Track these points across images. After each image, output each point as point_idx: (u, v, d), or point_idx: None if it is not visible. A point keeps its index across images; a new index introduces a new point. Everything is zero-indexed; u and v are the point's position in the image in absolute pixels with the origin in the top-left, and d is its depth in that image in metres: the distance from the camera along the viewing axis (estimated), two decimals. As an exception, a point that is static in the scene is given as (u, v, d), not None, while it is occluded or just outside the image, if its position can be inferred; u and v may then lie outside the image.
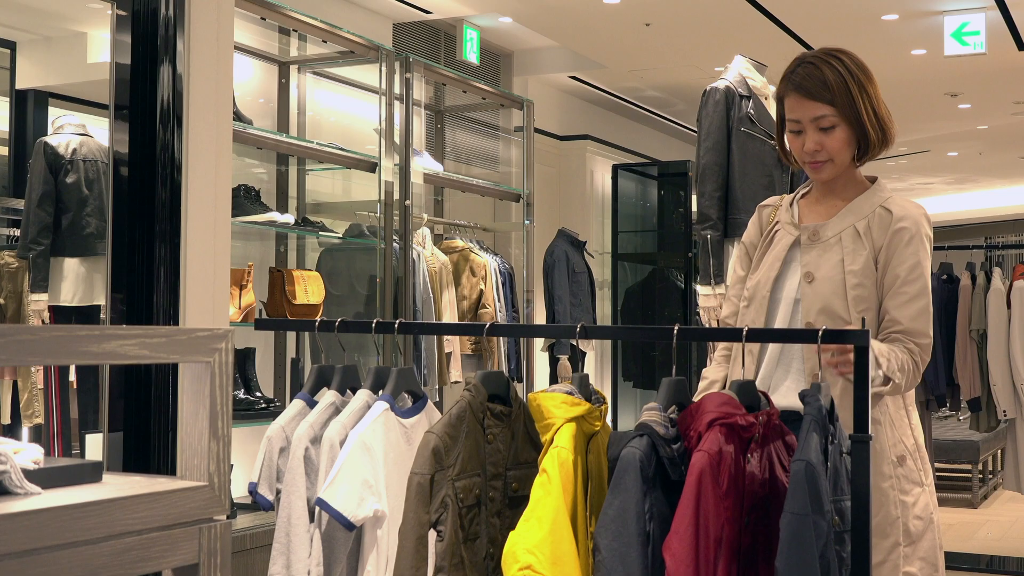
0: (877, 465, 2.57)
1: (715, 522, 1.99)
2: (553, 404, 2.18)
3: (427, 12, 7.23)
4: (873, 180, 2.73)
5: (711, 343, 3.61)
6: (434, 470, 2.18)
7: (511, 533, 2.07)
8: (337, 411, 2.48)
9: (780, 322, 2.67)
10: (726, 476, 2.02)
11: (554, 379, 7.42)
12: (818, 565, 1.93)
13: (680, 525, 1.98)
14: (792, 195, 2.83)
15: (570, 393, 2.20)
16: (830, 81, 2.58)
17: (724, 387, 2.78)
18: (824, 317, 2.59)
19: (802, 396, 2.12)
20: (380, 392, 2.45)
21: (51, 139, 4.76)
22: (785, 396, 2.59)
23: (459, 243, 6.28)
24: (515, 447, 2.30)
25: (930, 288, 2.64)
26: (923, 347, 2.59)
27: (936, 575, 2.68)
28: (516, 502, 2.27)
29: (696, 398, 2.69)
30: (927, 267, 2.63)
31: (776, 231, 2.76)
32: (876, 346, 2.48)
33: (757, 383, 2.64)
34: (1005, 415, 6.14)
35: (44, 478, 1.56)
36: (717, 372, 2.83)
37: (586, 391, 2.25)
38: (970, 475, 8.69)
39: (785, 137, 2.71)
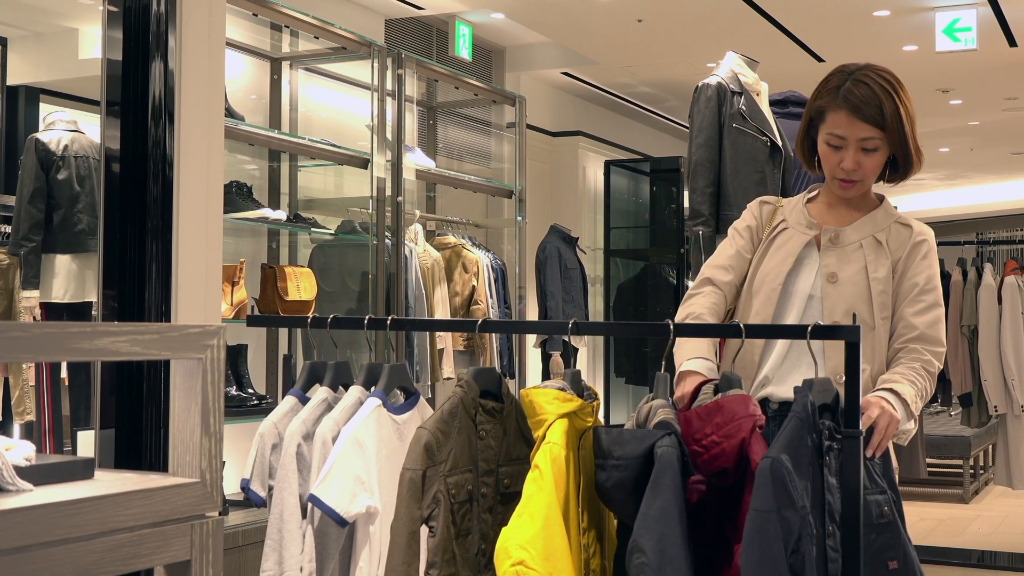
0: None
1: None
2: (545, 400, 2.18)
3: (419, 8, 7.22)
4: (881, 198, 2.81)
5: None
6: (426, 466, 2.18)
7: (503, 529, 2.08)
8: (329, 407, 2.48)
9: (794, 317, 2.70)
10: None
11: (546, 375, 7.42)
12: (783, 559, 1.93)
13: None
14: (798, 199, 2.85)
15: (562, 389, 2.21)
16: (886, 109, 2.61)
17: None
18: (848, 319, 2.62)
19: (795, 391, 2.13)
20: (372, 388, 2.45)
21: (42, 135, 4.76)
22: (792, 390, 2.60)
23: (451, 239, 6.28)
24: (507, 443, 2.31)
25: (943, 306, 2.71)
26: (938, 355, 2.65)
27: None
28: (508, 498, 2.27)
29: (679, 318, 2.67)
30: (939, 284, 2.72)
31: (782, 230, 2.78)
32: (906, 394, 2.49)
33: (765, 373, 2.65)
34: (996, 411, 6.15)
35: (36, 475, 1.56)
36: (705, 308, 2.74)
37: (578, 387, 2.25)
38: (961, 470, 8.71)
39: (818, 146, 2.72)
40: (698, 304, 2.74)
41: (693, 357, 2.57)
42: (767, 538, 1.93)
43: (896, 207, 2.81)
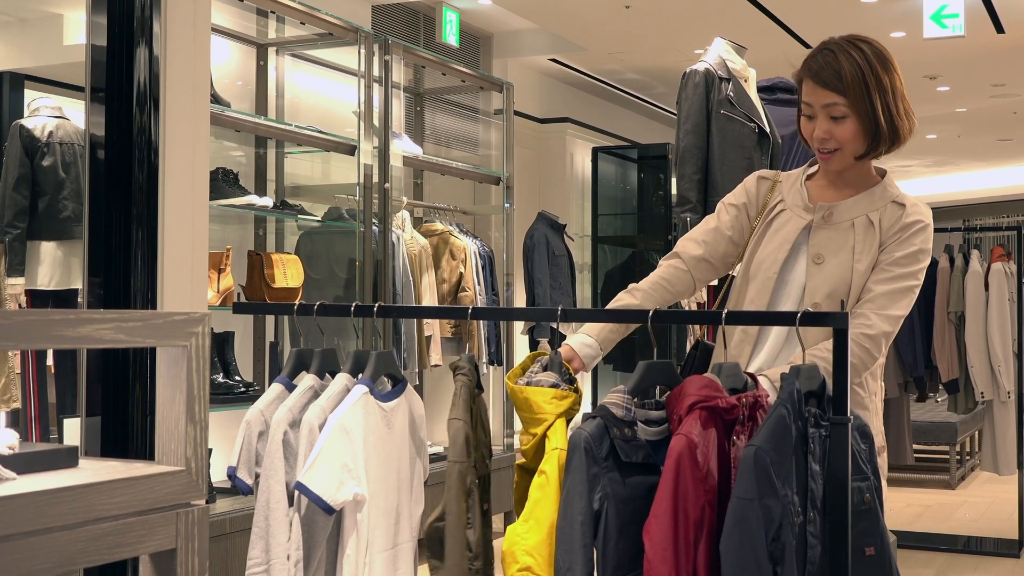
0: None
1: (694, 505, 1.99)
2: (543, 399, 2.19)
3: (406, -6, 7.20)
4: (883, 174, 2.72)
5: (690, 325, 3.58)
6: (466, 457, 2.26)
7: (509, 530, 2.11)
8: (316, 395, 2.47)
9: (790, 306, 2.64)
10: (706, 459, 2.02)
11: (534, 362, 7.41)
12: (764, 548, 1.94)
13: (658, 508, 1.99)
14: (798, 173, 2.77)
15: (555, 385, 2.22)
16: (845, 72, 2.54)
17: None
18: (831, 301, 2.57)
19: (782, 378, 2.12)
20: (359, 376, 2.45)
21: (27, 122, 4.73)
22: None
23: (439, 226, 6.26)
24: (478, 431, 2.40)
25: (918, 284, 2.59)
26: (885, 319, 2.53)
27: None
28: (483, 483, 2.38)
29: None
30: (924, 263, 2.61)
31: (780, 211, 2.71)
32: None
33: (760, 363, 2.63)
34: (983, 397, 6.17)
35: (19, 463, 1.55)
36: (649, 283, 2.72)
37: (561, 371, 2.29)
38: (948, 456, 8.74)
39: (800, 120, 2.68)
40: (648, 278, 2.71)
41: (582, 331, 2.56)
42: (749, 526, 1.94)
43: (898, 186, 2.70)
